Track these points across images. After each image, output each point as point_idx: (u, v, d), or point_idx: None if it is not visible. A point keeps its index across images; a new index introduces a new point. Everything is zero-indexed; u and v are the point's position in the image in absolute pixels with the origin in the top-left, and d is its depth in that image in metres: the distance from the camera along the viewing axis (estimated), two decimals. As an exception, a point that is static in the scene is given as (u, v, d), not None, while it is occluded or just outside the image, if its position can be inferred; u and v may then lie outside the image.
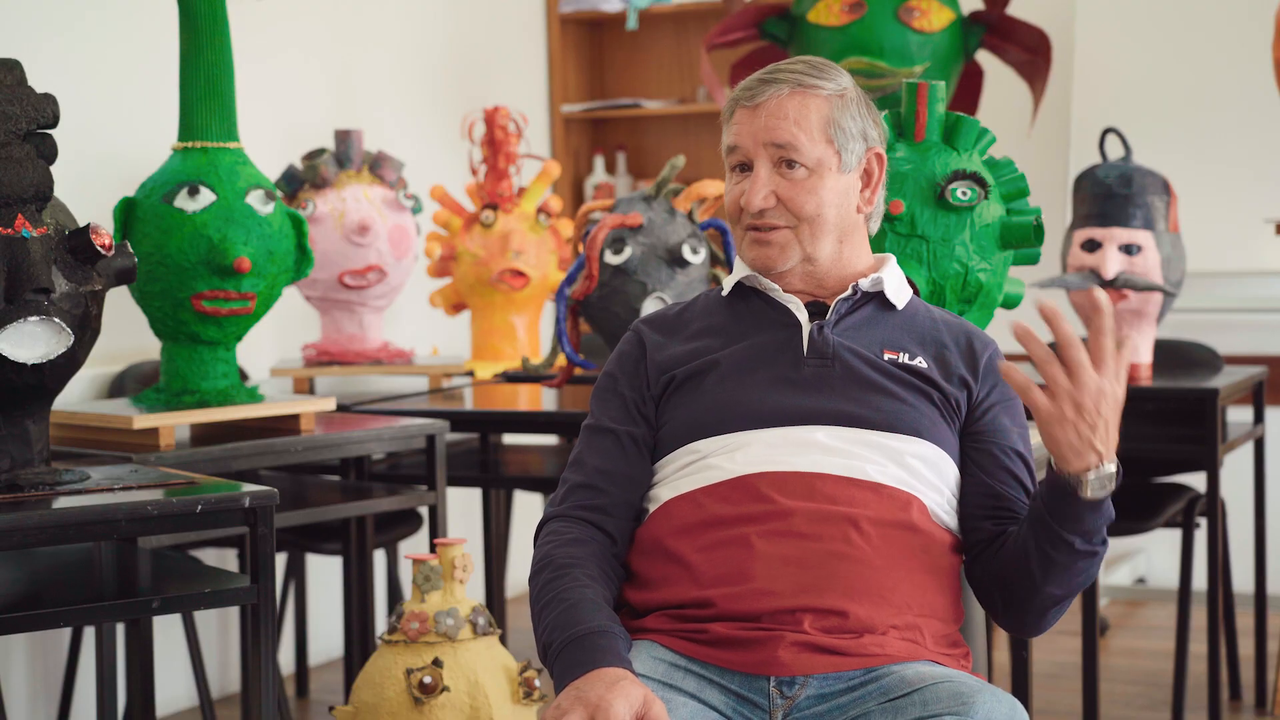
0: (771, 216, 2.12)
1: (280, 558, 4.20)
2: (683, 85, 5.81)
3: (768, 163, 2.11)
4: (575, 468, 2.14)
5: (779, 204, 2.11)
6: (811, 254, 2.14)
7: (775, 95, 2.12)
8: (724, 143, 2.17)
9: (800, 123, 2.11)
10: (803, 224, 2.12)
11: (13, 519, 2.18)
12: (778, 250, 2.13)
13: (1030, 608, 2.05)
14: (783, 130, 2.10)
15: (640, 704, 1.82)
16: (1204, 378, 3.77)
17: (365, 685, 2.74)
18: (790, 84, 2.12)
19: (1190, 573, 3.78)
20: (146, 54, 3.98)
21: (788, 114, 2.11)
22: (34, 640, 3.74)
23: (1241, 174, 4.88)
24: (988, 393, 2.14)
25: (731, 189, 2.16)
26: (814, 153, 2.11)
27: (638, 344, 2.20)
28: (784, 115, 2.11)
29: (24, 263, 2.25)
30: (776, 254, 2.13)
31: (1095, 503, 1.95)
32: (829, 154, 2.12)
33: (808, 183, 2.11)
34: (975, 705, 1.83)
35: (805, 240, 2.13)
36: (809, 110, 2.12)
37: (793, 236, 2.13)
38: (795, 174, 2.11)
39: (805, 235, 2.13)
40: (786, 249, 2.13)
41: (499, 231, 4.16)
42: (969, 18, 4.62)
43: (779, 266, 2.14)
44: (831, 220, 2.13)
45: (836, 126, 2.13)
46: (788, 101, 2.11)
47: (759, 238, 2.13)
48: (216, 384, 3.02)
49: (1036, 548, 1.99)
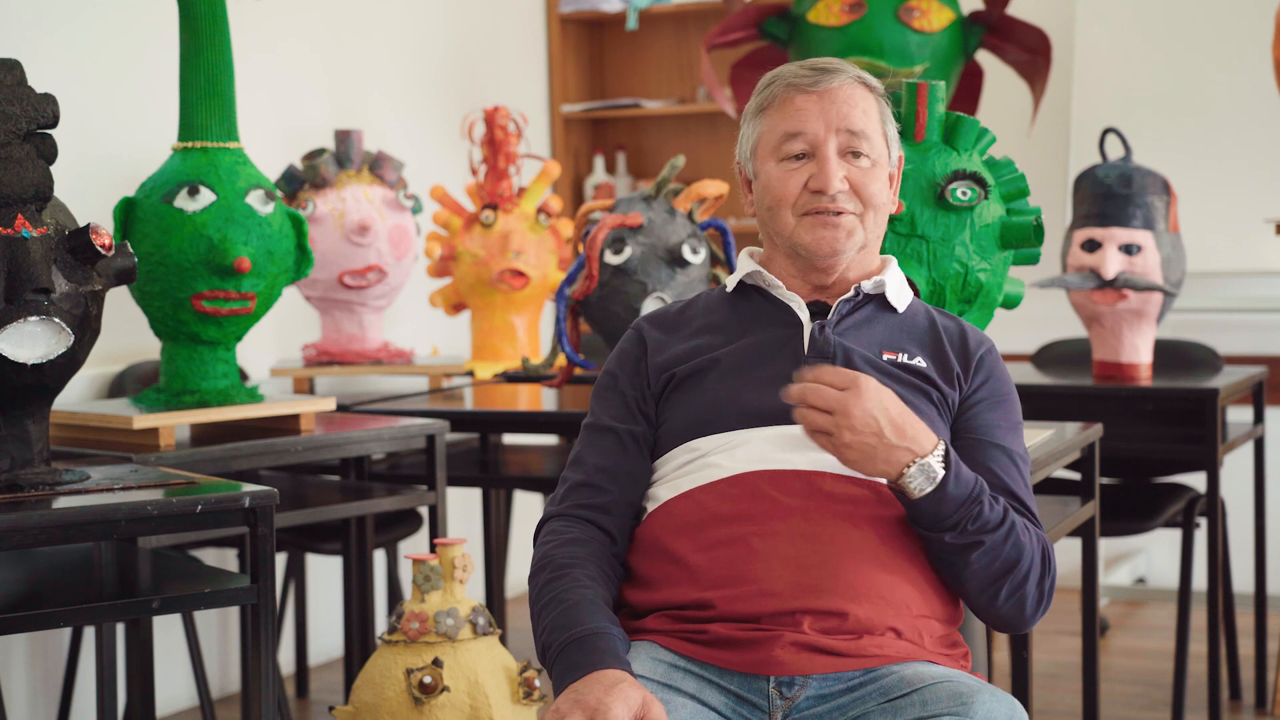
0: (842, 200, 2.11)
1: (280, 558, 4.20)
2: (683, 85, 5.81)
3: (837, 147, 2.11)
4: (575, 466, 2.14)
5: (850, 190, 2.12)
6: (869, 242, 2.15)
7: (843, 83, 2.13)
8: (773, 132, 2.13)
9: (868, 113, 2.13)
10: (868, 211, 2.13)
11: (13, 519, 2.18)
12: (845, 234, 2.12)
13: (977, 607, 2.06)
14: (857, 118, 2.11)
15: (639, 706, 1.82)
16: (1204, 378, 3.77)
17: (365, 685, 2.74)
18: (851, 75, 2.14)
19: (1190, 573, 3.78)
20: (146, 54, 3.98)
21: (857, 103, 2.12)
22: (34, 640, 3.74)
23: (1241, 174, 4.88)
24: (976, 388, 2.14)
25: (783, 176, 2.12)
26: (878, 145, 2.13)
27: (638, 342, 2.20)
28: (854, 104, 2.12)
29: (24, 263, 2.25)
30: (844, 237, 2.12)
31: (933, 496, 1.94)
32: (883, 149, 2.15)
33: (873, 171, 2.13)
34: (974, 705, 1.83)
35: (870, 228, 2.14)
36: (872, 104, 2.15)
37: (858, 223, 2.13)
38: (861, 162, 2.12)
39: (870, 223, 2.14)
40: (854, 234, 2.13)
41: (499, 231, 4.16)
42: (969, 18, 4.62)
43: (843, 251, 2.13)
44: (886, 212, 2.16)
45: (888, 123, 2.16)
46: (855, 91, 2.13)
47: (826, 221, 2.11)
48: (216, 384, 3.02)
49: (931, 556, 2.02)
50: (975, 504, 1.97)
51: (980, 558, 1.99)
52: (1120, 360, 3.71)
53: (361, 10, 4.79)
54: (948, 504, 1.95)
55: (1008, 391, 2.16)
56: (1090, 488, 3.00)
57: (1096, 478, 3.01)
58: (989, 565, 1.99)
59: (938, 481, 1.94)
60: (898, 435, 1.92)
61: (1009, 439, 2.12)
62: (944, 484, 1.94)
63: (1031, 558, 2.02)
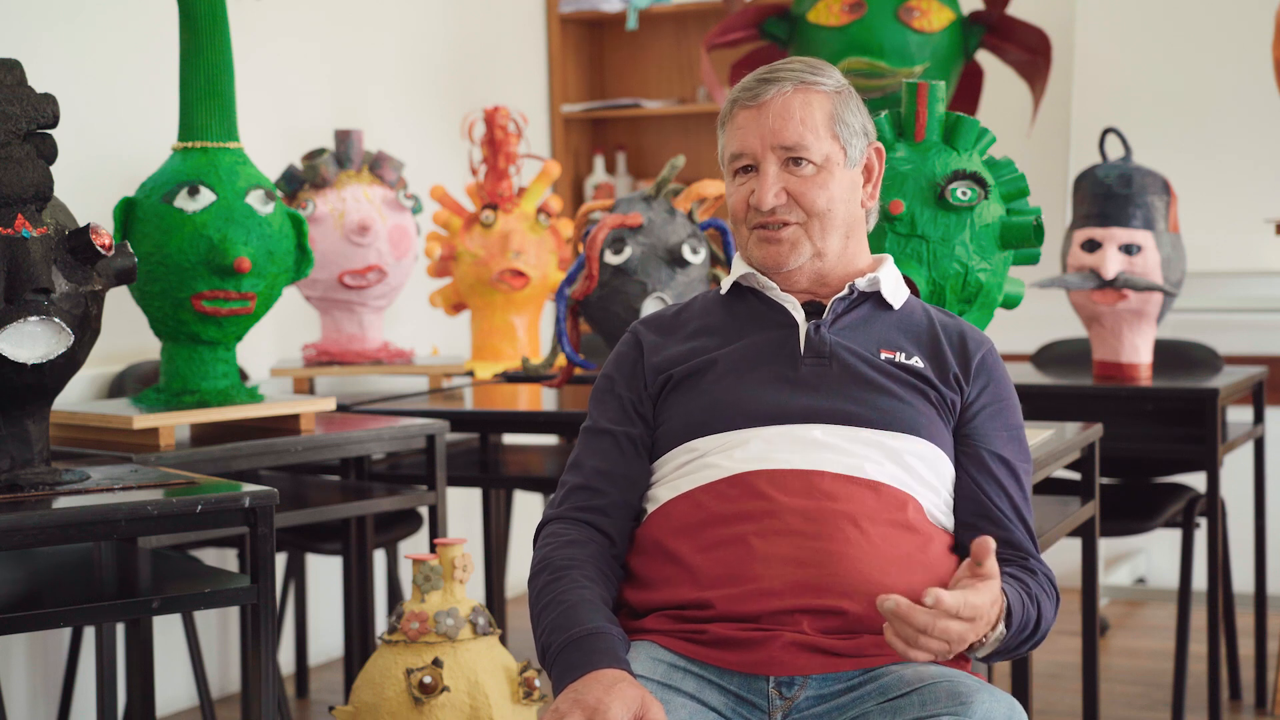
0: (782, 213, 2.11)
1: (280, 558, 4.20)
2: (683, 85, 5.81)
3: (775, 162, 2.11)
4: (574, 470, 2.14)
5: (789, 201, 2.11)
6: (822, 250, 2.14)
7: (779, 93, 2.11)
8: (725, 147, 2.16)
9: (806, 120, 2.11)
10: (813, 220, 2.12)
11: (13, 519, 2.18)
12: (788, 247, 2.13)
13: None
14: (790, 131, 2.10)
15: (638, 705, 1.82)
16: (1204, 378, 3.77)
17: (365, 685, 2.73)
18: (793, 81, 2.12)
19: (1190, 573, 3.78)
20: (146, 54, 3.98)
21: (793, 113, 2.11)
22: (34, 640, 3.74)
23: (1241, 174, 4.88)
24: (978, 393, 2.14)
25: (736, 190, 2.15)
26: (821, 149, 2.11)
27: (635, 345, 2.20)
28: (790, 115, 2.11)
29: (24, 263, 2.25)
30: (787, 251, 2.13)
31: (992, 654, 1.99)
32: (835, 150, 2.13)
33: (817, 178, 2.11)
34: (974, 705, 1.83)
35: (816, 236, 2.13)
36: (813, 107, 2.12)
37: (803, 233, 2.13)
38: (803, 170, 2.11)
39: (815, 231, 2.13)
40: (797, 245, 2.13)
41: (499, 231, 4.16)
42: (969, 18, 4.62)
43: (789, 264, 2.14)
44: (840, 215, 2.14)
45: (840, 122, 2.13)
46: (793, 99, 2.11)
47: (769, 235, 2.13)
48: (216, 384, 3.02)
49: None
50: (1021, 631, 2.00)
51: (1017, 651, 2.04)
52: (1120, 360, 3.71)
53: (361, 10, 4.79)
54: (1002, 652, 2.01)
55: (1008, 395, 2.16)
56: (1090, 488, 3.00)
57: (1096, 478, 3.01)
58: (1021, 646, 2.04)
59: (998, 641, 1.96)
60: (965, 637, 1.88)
61: (1009, 449, 2.13)
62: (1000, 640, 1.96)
63: (1050, 620, 2.06)
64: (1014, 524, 2.10)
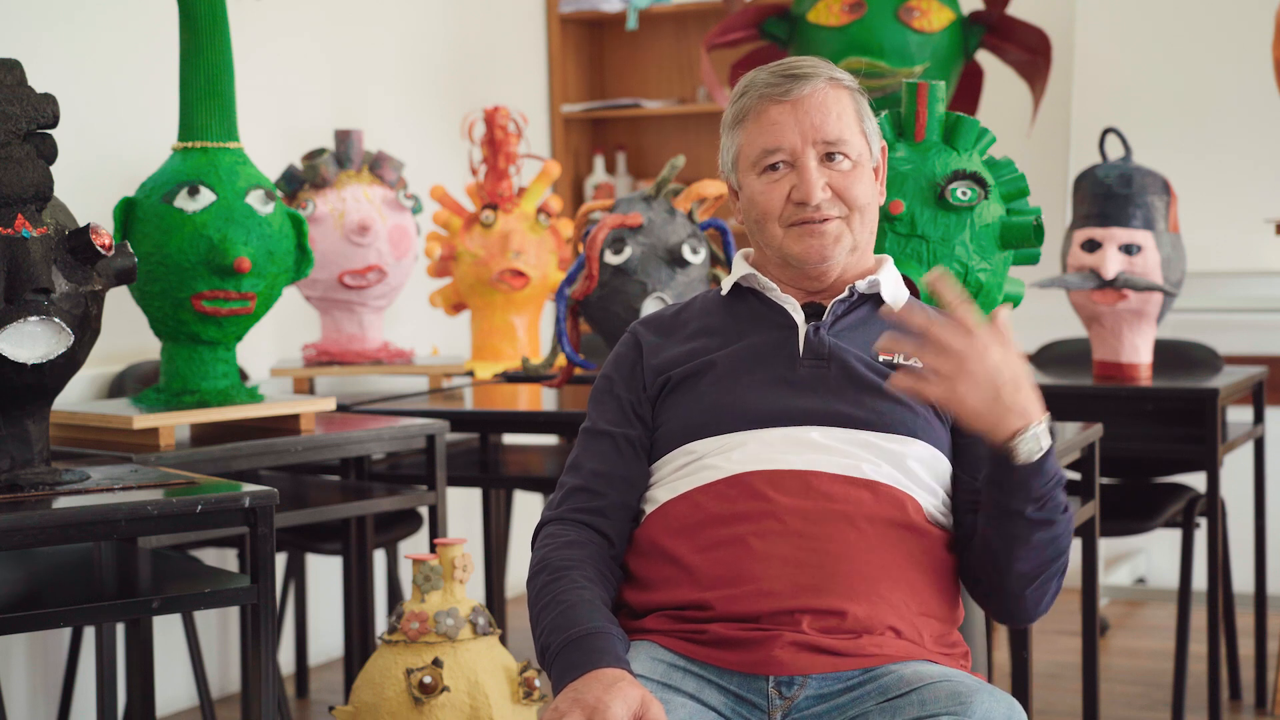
0: (826, 208, 2.11)
1: (280, 558, 4.20)
2: (683, 85, 5.81)
3: (816, 156, 2.11)
4: (572, 471, 2.14)
5: (832, 196, 2.11)
6: (859, 243, 2.15)
7: (815, 89, 2.11)
8: (749, 143, 2.13)
9: (842, 116, 2.12)
10: (854, 213, 2.13)
11: (13, 519, 2.18)
12: (832, 240, 2.12)
13: (1006, 591, 2.04)
14: (831, 126, 2.10)
15: (638, 704, 1.83)
16: (1204, 378, 3.77)
17: (365, 685, 2.74)
18: (822, 77, 2.12)
19: (1190, 573, 3.78)
20: (146, 54, 3.98)
21: (830, 108, 2.11)
22: (34, 640, 3.74)
23: (1241, 174, 4.88)
24: None
25: (766, 188, 2.12)
26: (856, 145, 2.13)
27: (634, 346, 2.20)
28: (828, 110, 2.11)
29: (24, 263, 2.25)
30: (831, 244, 2.12)
31: (1033, 466, 1.94)
32: (864, 146, 2.14)
33: (854, 173, 2.12)
34: (973, 705, 1.83)
35: (856, 230, 2.14)
36: (845, 104, 2.13)
37: (845, 227, 2.13)
38: (840, 165, 2.11)
39: (856, 225, 2.13)
40: (841, 239, 2.13)
41: (499, 231, 4.16)
42: (969, 18, 4.62)
43: (833, 257, 2.13)
44: (873, 210, 2.16)
45: (867, 119, 2.15)
46: (828, 95, 2.11)
47: (813, 230, 2.11)
48: (216, 384, 3.02)
49: (995, 526, 1.99)
50: (1059, 484, 1.98)
51: (1044, 536, 1.99)
52: (1120, 360, 3.71)
53: (361, 10, 4.79)
54: (1044, 476, 1.96)
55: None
56: (1090, 488, 3.00)
57: (1096, 478, 3.01)
58: (1045, 547, 2.00)
59: (1044, 451, 1.94)
60: (1012, 398, 1.90)
61: None
62: (1048, 454, 1.94)
63: (1068, 553, 2.03)
64: None
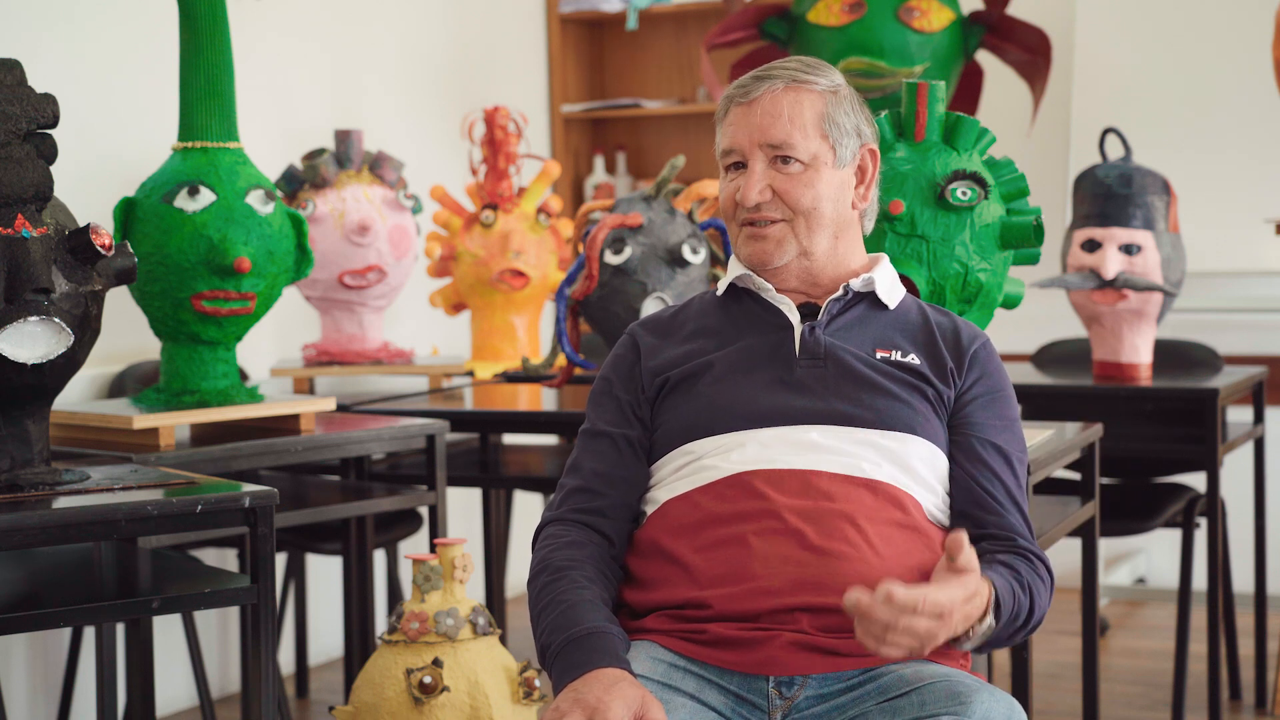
0: (767, 210, 2.12)
1: (280, 558, 4.20)
2: (683, 85, 5.81)
3: (763, 159, 2.12)
4: (572, 472, 2.14)
5: (775, 198, 2.11)
6: (808, 248, 2.14)
7: (769, 91, 2.12)
8: (719, 144, 2.17)
9: (794, 119, 2.11)
10: (799, 217, 2.12)
11: (13, 519, 2.18)
12: (774, 244, 2.13)
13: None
14: (777, 129, 2.10)
15: (638, 704, 1.83)
16: (1204, 378, 3.77)
17: (365, 685, 2.74)
18: (784, 80, 2.13)
19: (1190, 573, 3.78)
20: (147, 54, 3.98)
21: (782, 111, 2.11)
22: (34, 640, 3.74)
23: (1241, 174, 4.88)
24: (971, 384, 2.14)
25: (726, 186, 2.16)
26: (809, 148, 2.11)
27: (632, 347, 2.20)
28: (778, 113, 2.11)
29: (24, 263, 2.25)
30: (773, 248, 2.13)
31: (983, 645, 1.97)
32: (824, 149, 2.12)
33: (803, 176, 2.11)
34: (973, 705, 1.83)
35: (801, 234, 2.13)
36: (803, 106, 2.12)
37: (789, 230, 2.13)
38: (790, 169, 2.11)
39: (801, 229, 2.13)
40: (783, 243, 2.13)
41: (499, 231, 4.16)
42: (969, 18, 4.62)
43: (775, 261, 2.14)
44: (828, 215, 2.13)
45: (831, 121, 2.13)
46: (782, 97, 2.12)
47: (754, 232, 2.13)
48: (216, 384, 3.02)
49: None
50: (1013, 621, 1.98)
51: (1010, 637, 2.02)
52: (1120, 360, 3.71)
53: (361, 10, 4.79)
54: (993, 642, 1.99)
55: (1002, 387, 2.16)
56: (1090, 488, 3.00)
57: (1096, 478, 3.01)
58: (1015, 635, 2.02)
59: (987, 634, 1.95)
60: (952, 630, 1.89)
61: (1003, 437, 2.12)
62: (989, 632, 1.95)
63: (1044, 606, 2.04)
64: (1007, 510, 2.08)
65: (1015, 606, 1.98)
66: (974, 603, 1.90)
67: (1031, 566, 2.04)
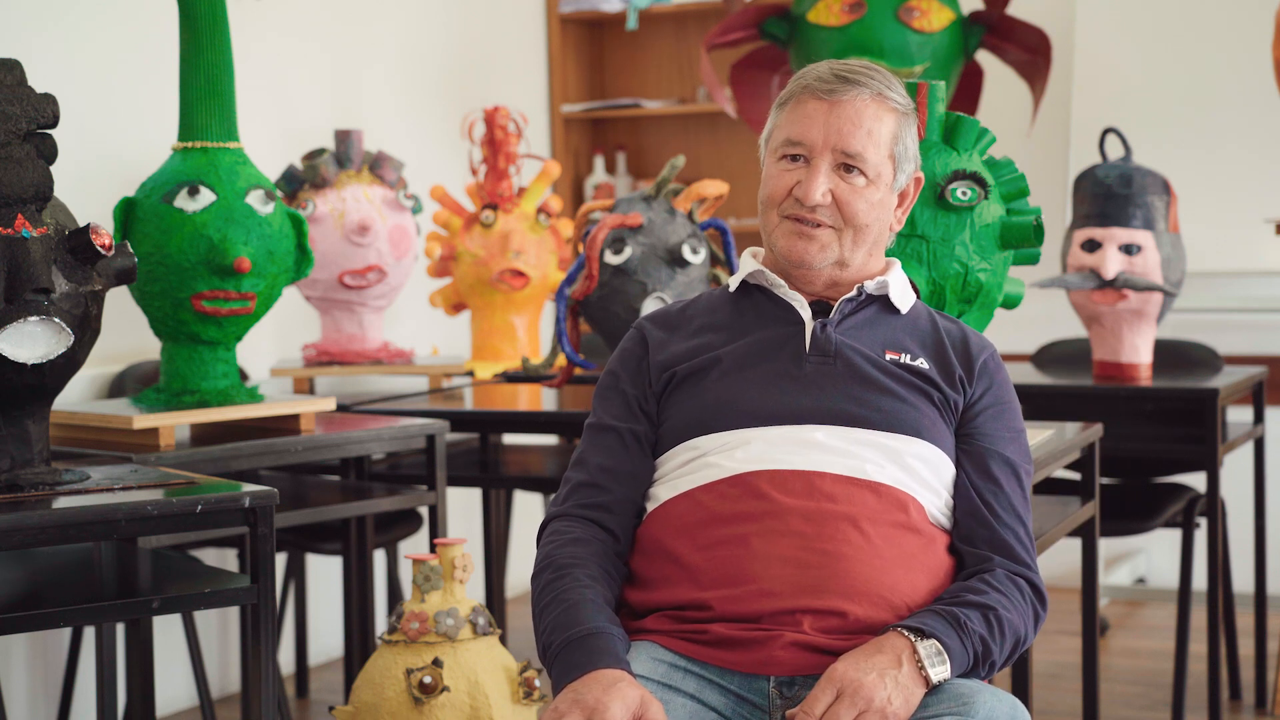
0: (822, 214, 2.11)
1: (280, 558, 4.20)
2: (683, 85, 5.81)
3: (830, 162, 2.10)
4: (578, 466, 2.14)
5: (832, 204, 2.10)
6: (846, 259, 2.13)
7: (856, 97, 2.09)
8: (778, 128, 2.14)
9: (873, 133, 2.10)
10: (849, 229, 2.11)
11: (13, 519, 2.18)
12: (818, 247, 2.12)
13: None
14: (856, 139, 2.09)
15: (637, 705, 1.83)
16: (1204, 378, 3.77)
17: (365, 685, 2.73)
18: (871, 90, 2.10)
19: (1190, 573, 3.78)
20: (147, 54, 3.98)
21: (863, 122, 2.09)
22: (34, 640, 3.74)
23: (1241, 174, 4.88)
24: (981, 394, 2.14)
25: (778, 175, 2.12)
26: (877, 164, 2.10)
27: (640, 341, 2.20)
28: (860, 122, 2.09)
29: (24, 263, 2.25)
30: (816, 250, 2.12)
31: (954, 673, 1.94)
32: (888, 168, 2.12)
33: (865, 191, 2.10)
34: (976, 705, 1.83)
35: (845, 245, 2.12)
36: (882, 122, 2.11)
37: (835, 238, 2.12)
38: (854, 179, 2.10)
39: (847, 241, 2.12)
40: (827, 249, 2.12)
41: (499, 231, 4.16)
42: (969, 18, 4.62)
43: (815, 264, 2.13)
44: (873, 231, 2.13)
45: (901, 143, 2.13)
46: (867, 108, 2.10)
47: (802, 230, 2.11)
48: (216, 384, 3.02)
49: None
50: (986, 662, 1.96)
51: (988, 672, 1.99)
52: (1120, 360, 3.71)
53: (361, 10, 4.79)
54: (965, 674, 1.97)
55: (1009, 398, 2.16)
56: (1090, 488, 3.00)
57: (1096, 478, 3.01)
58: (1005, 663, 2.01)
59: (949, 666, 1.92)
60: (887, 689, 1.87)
61: (1011, 448, 2.12)
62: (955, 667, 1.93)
63: (1025, 635, 2.01)
64: (1003, 524, 2.07)
65: (980, 650, 1.94)
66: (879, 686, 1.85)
67: (1010, 600, 2.00)
